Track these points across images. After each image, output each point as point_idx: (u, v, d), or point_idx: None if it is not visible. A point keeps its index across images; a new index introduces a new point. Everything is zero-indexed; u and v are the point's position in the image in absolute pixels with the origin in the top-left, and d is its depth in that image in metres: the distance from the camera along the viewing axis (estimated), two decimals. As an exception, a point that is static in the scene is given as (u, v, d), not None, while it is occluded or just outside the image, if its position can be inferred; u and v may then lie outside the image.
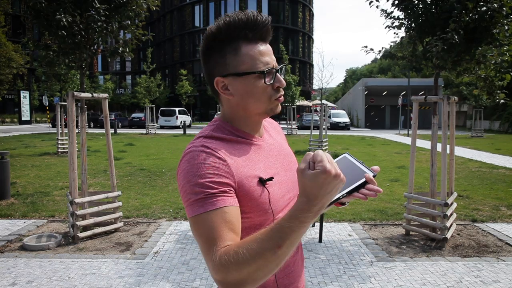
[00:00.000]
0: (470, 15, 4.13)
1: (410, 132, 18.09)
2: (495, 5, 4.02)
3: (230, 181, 0.94)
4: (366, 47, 5.00)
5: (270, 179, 1.02)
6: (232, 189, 0.94)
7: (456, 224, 5.08)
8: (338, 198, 0.93)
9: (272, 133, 1.21)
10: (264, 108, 1.05)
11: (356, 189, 0.91)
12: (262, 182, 1.00)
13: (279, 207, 1.03)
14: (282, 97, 1.07)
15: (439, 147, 4.50)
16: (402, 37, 4.97)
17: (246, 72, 1.01)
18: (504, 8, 4.08)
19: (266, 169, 1.05)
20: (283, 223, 0.80)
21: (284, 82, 1.05)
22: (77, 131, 4.96)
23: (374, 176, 0.91)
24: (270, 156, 1.10)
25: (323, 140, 13.63)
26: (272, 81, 1.03)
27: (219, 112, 1.14)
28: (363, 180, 0.91)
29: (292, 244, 0.80)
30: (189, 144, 1.01)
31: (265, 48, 1.03)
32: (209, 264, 0.85)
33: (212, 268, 0.83)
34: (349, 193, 0.92)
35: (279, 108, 1.08)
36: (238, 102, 1.04)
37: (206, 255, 0.86)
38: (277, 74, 1.03)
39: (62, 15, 4.26)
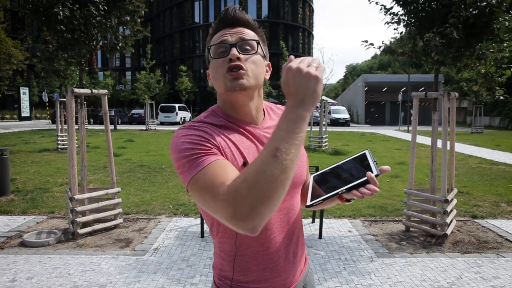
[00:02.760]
0: (470, 10, 4.11)
1: (410, 128, 18.06)
2: (494, 0, 4.00)
3: (219, 148, 0.98)
4: (366, 41, 4.97)
5: None
6: (223, 153, 0.98)
7: (456, 220, 5.08)
8: (337, 194, 0.92)
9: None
10: (222, 85, 1.05)
11: (357, 186, 0.91)
12: (245, 166, 1.01)
13: None
14: (236, 71, 1.03)
15: (439, 143, 4.49)
16: (402, 33, 4.94)
17: (207, 55, 1.10)
18: (504, 3, 4.06)
19: (256, 154, 1.05)
20: (274, 130, 0.84)
21: (234, 53, 1.03)
22: (76, 127, 4.95)
23: (377, 176, 0.90)
24: (264, 143, 1.09)
25: (323, 136, 13.61)
26: (223, 57, 1.04)
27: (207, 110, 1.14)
28: (365, 178, 0.90)
29: (290, 145, 0.81)
30: (179, 127, 1.05)
31: (227, 30, 1.08)
32: (218, 204, 0.82)
33: (222, 202, 0.81)
34: (349, 189, 0.92)
35: (236, 83, 1.03)
36: (214, 87, 1.10)
37: (213, 199, 0.84)
38: (233, 48, 1.04)
39: (60, 9, 4.24)
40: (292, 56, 0.89)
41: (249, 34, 1.08)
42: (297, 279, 1.16)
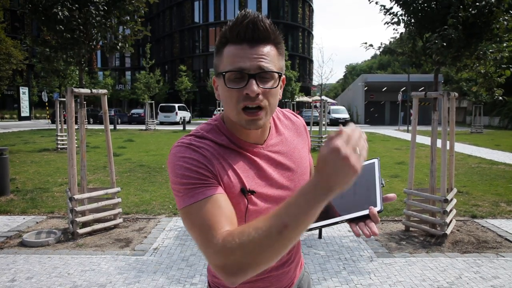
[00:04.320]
0: (470, 10, 4.11)
1: (410, 128, 18.09)
2: (492, 0, 4.00)
3: (213, 176, 0.92)
4: (365, 43, 4.97)
5: (252, 192, 0.98)
6: (219, 183, 0.93)
7: (456, 220, 5.08)
8: (335, 223, 0.89)
9: (288, 134, 1.12)
10: (234, 116, 0.96)
11: (357, 218, 0.87)
12: (243, 192, 0.97)
13: (256, 217, 0.96)
14: (252, 113, 0.93)
15: (439, 143, 4.50)
16: (401, 33, 4.95)
17: (218, 72, 0.97)
18: (503, 3, 4.06)
19: (257, 179, 1.01)
20: (290, 199, 0.77)
21: (254, 89, 0.90)
22: (76, 127, 4.94)
23: (379, 212, 0.85)
24: (268, 166, 1.04)
25: (323, 136, 13.62)
26: (238, 87, 0.92)
27: (218, 108, 1.05)
28: (366, 212, 0.85)
29: (299, 224, 0.76)
30: (179, 139, 0.99)
31: (248, 50, 0.92)
32: (210, 250, 0.81)
33: (214, 252, 0.80)
34: (349, 220, 0.88)
35: (254, 124, 0.94)
36: (222, 104, 1.01)
37: (204, 242, 0.83)
38: (251, 80, 0.91)
39: (59, 9, 4.23)
40: (342, 129, 0.74)
41: (271, 55, 0.94)
42: (290, 284, 1.16)
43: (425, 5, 4.45)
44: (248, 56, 0.91)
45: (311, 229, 0.93)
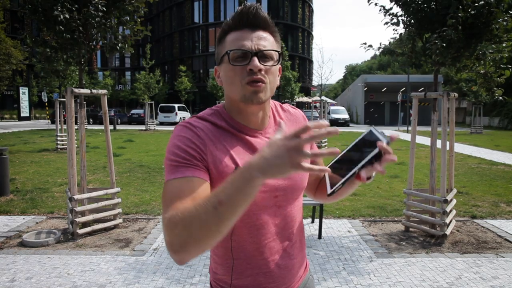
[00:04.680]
0: (469, 10, 4.11)
1: (410, 128, 18.07)
2: (492, 0, 4.01)
3: (203, 157, 0.97)
4: (365, 43, 4.98)
5: None
6: (205, 165, 0.97)
7: (456, 221, 5.08)
8: (353, 174, 0.88)
9: (287, 125, 1.14)
10: (238, 93, 1.01)
11: (370, 161, 0.86)
12: None
13: (252, 202, 0.98)
14: (257, 84, 0.99)
15: (438, 143, 4.50)
16: (401, 34, 4.95)
17: (222, 55, 1.03)
18: (502, 4, 4.06)
19: None
20: (228, 178, 0.80)
21: (256, 64, 0.97)
22: (76, 127, 4.94)
23: (388, 143, 0.85)
24: None
25: (323, 136, 13.62)
26: (242, 64, 0.99)
27: (212, 107, 1.10)
28: (376, 150, 0.85)
29: (233, 201, 0.78)
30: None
31: (249, 33, 1.00)
32: (163, 225, 0.87)
33: (164, 227, 0.86)
34: (364, 166, 0.87)
35: (256, 96, 1.00)
36: (225, 89, 1.06)
37: (162, 218, 0.88)
38: (254, 57, 0.98)
39: (59, 11, 4.24)
40: (308, 125, 0.76)
41: (269, 40, 1.03)
42: (293, 287, 1.13)
43: (425, 5, 4.45)
44: (250, 38, 1.00)
45: (333, 192, 0.92)
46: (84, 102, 4.77)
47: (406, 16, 4.67)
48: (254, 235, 1.05)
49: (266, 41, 1.01)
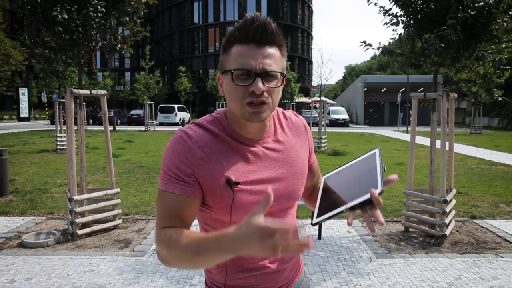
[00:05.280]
0: (469, 11, 4.12)
1: (409, 128, 18.07)
2: (491, 0, 4.01)
3: (193, 171, 1.01)
4: (364, 42, 4.97)
5: (237, 183, 1.02)
6: (194, 179, 1.01)
7: (455, 221, 5.08)
8: (340, 212, 0.88)
9: (286, 135, 1.15)
10: (238, 110, 1.01)
11: (360, 204, 0.86)
12: (229, 183, 1.01)
13: (244, 211, 1.00)
14: (257, 106, 0.98)
15: (438, 143, 4.50)
16: (400, 34, 4.95)
17: (225, 70, 1.02)
18: (502, 4, 4.06)
19: (246, 173, 1.04)
20: (211, 235, 0.88)
21: (260, 87, 0.95)
22: (75, 128, 4.94)
23: (381, 193, 0.85)
24: (261, 161, 1.07)
25: (322, 137, 13.63)
26: (245, 84, 0.97)
27: (218, 110, 1.10)
28: (367, 197, 0.85)
29: (208, 259, 0.89)
30: (183, 126, 1.08)
31: (255, 50, 0.97)
32: (156, 233, 1.01)
33: (157, 238, 1.00)
34: (352, 208, 0.87)
35: (257, 116, 0.99)
36: (227, 100, 1.06)
37: (156, 225, 1.02)
38: (258, 78, 0.96)
39: (58, 11, 4.23)
40: (283, 225, 0.78)
41: (275, 56, 1.00)
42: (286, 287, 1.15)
43: (424, 6, 4.46)
44: (255, 56, 0.97)
45: (317, 223, 0.94)
46: (84, 103, 4.77)
47: (405, 16, 4.67)
48: None
49: (272, 58, 0.99)
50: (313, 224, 0.95)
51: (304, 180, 1.18)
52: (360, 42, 4.99)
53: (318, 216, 0.94)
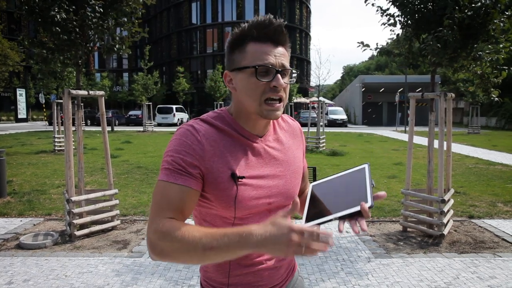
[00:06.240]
0: (466, 11, 4.13)
1: (407, 128, 18.12)
2: (488, 1, 4.02)
3: (199, 164, 1.00)
4: (362, 43, 4.98)
5: (241, 177, 1.04)
6: (199, 172, 1.01)
7: (453, 221, 5.09)
8: (328, 221, 0.92)
9: (284, 135, 1.20)
10: (255, 107, 1.04)
11: (349, 215, 0.90)
12: (233, 177, 1.03)
13: (246, 206, 1.04)
14: (277, 103, 1.05)
15: (436, 143, 4.51)
16: (398, 34, 4.96)
17: (244, 66, 1.04)
18: (499, 4, 4.07)
19: (248, 168, 1.06)
20: (229, 230, 0.88)
21: (282, 83, 1.02)
22: (73, 128, 4.93)
23: (370, 207, 0.89)
24: (262, 158, 1.10)
25: (321, 137, 13.63)
26: (267, 80, 1.02)
27: (216, 110, 1.14)
28: (357, 209, 0.89)
29: (223, 252, 0.87)
30: (188, 121, 1.09)
31: (273, 49, 1.04)
32: (153, 225, 0.95)
33: (154, 229, 0.94)
34: (341, 218, 0.91)
35: (274, 114, 1.05)
36: (238, 96, 1.08)
37: (153, 216, 0.97)
38: (278, 74, 1.03)
39: (56, 11, 4.23)
40: (311, 228, 0.84)
41: (287, 56, 1.08)
42: (281, 287, 1.17)
43: (422, 6, 4.46)
44: (274, 54, 1.04)
45: None
46: (82, 104, 4.76)
47: (403, 16, 4.68)
48: None
49: (285, 57, 1.07)
50: None
51: (300, 180, 1.21)
52: (358, 42, 5.00)
53: (306, 222, 0.96)
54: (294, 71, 1.10)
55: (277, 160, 1.13)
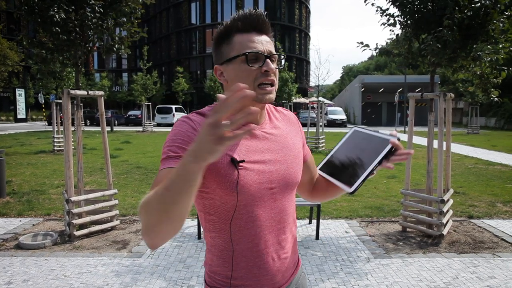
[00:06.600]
0: (465, 11, 4.13)
1: (407, 129, 18.12)
2: (488, 1, 4.02)
3: None
4: (361, 43, 4.98)
5: (241, 161, 1.05)
6: None
7: (453, 221, 5.10)
8: (374, 168, 0.95)
9: (281, 123, 1.22)
10: None
11: (385, 157, 0.93)
12: (233, 162, 1.03)
13: (249, 191, 1.05)
14: (269, 87, 1.07)
15: (435, 143, 4.51)
16: (397, 34, 4.96)
17: (234, 56, 1.07)
18: (499, 5, 4.08)
19: (249, 153, 1.07)
20: (178, 165, 0.84)
21: (272, 67, 1.06)
22: (73, 129, 4.93)
23: (399, 139, 0.93)
24: (262, 143, 1.12)
25: (320, 137, 13.64)
26: (257, 66, 1.06)
27: (212, 104, 1.17)
28: (390, 146, 0.92)
29: (175, 187, 0.80)
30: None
31: (258, 37, 1.08)
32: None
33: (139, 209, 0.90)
34: (380, 162, 0.94)
35: (268, 97, 1.07)
36: (231, 87, 1.06)
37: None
38: (267, 59, 1.06)
39: (56, 11, 4.22)
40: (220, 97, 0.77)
41: (272, 43, 1.12)
42: (286, 281, 1.16)
43: (421, 6, 4.47)
44: (261, 42, 1.08)
45: (356, 190, 1.00)
46: (81, 104, 4.76)
47: (402, 16, 4.69)
48: (250, 227, 1.08)
49: (271, 45, 1.11)
50: (352, 193, 1.01)
51: (301, 166, 1.22)
52: (358, 43, 5.00)
53: (348, 185, 0.99)
54: (282, 55, 1.14)
55: (277, 145, 1.15)
